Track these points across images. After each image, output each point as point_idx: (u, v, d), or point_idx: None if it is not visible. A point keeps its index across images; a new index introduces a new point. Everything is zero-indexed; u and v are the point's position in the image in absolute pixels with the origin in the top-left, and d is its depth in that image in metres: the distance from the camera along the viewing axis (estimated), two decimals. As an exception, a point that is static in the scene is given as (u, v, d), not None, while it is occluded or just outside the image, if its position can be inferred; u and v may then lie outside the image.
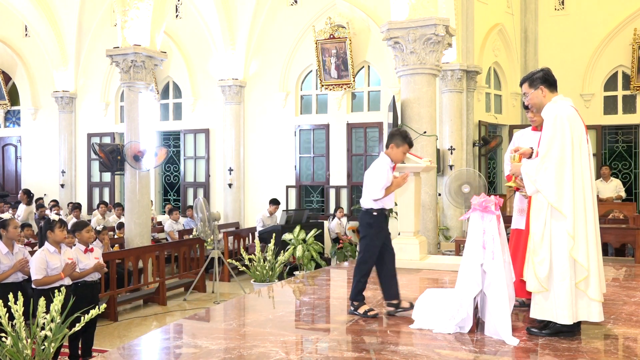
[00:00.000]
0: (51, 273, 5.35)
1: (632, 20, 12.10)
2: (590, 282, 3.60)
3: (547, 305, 3.64)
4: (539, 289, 3.63)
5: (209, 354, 3.47)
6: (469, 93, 11.86)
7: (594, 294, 3.60)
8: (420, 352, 3.47)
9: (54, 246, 5.48)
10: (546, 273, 3.61)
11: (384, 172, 4.29)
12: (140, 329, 7.47)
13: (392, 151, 4.39)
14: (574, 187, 3.60)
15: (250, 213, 13.57)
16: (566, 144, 3.61)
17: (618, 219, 9.27)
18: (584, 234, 3.59)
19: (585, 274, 3.57)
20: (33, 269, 5.34)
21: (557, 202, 3.59)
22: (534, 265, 3.64)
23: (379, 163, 4.36)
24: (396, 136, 4.41)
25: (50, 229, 5.50)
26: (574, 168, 3.61)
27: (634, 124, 12.33)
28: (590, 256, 3.60)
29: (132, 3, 9.52)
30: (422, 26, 7.48)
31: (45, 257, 5.36)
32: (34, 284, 5.34)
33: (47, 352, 4.25)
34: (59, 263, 5.43)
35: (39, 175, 16.06)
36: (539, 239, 3.65)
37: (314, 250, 8.27)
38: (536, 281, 3.63)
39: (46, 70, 15.59)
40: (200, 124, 14.28)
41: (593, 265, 3.60)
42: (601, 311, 3.65)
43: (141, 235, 9.70)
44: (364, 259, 4.30)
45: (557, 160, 3.60)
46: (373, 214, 4.29)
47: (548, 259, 3.62)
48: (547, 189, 3.61)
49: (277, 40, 13.39)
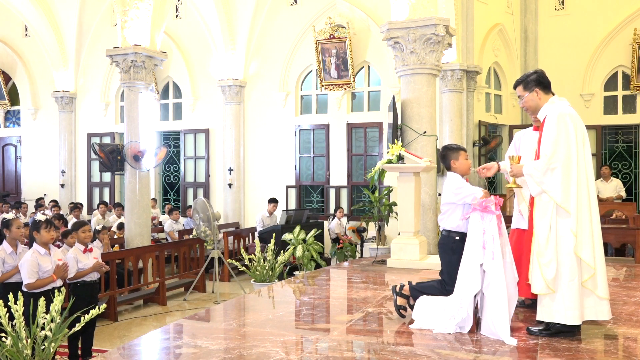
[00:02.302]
0: (43, 276, 5.23)
1: (632, 20, 12.10)
2: (598, 281, 3.59)
3: (555, 307, 3.60)
4: (546, 290, 3.59)
5: (209, 354, 3.47)
6: (469, 93, 11.86)
7: (603, 292, 3.59)
8: (420, 352, 3.47)
9: (43, 247, 5.33)
10: (554, 274, 3.57)
11: (464, 182, 4.11)
12: (140, 329, 7.47)
13: (456, 166, 4.17)
14: (579, 186, 3.57)
15: (250, 213, 13.57)
16: (571, 143, 3.58)
17: (621, 218, 9.27)
18: (589, 232, 3.57)
19: (592, 272, 3.56)
20: (25, 273, 5.16)
21: (564, 202, 3.55)
22: (541, 267, 3.60)
23: (453, 178, 4.13)
24: (448, 153, 4.21)
25: (36, 229, 5.33)
26: (579, 167, 3.59)
27: (634, 124, 12.33)
28: (597, 254, 3.59)
29: (132, 3, 9.51)
30: (422, 26, 7.48)
31: (36, 259, 5.21)
32: (26, 288, 5.14)
33: (47, 352, 4.25)
34: (50, 265, 5.30)
35: (39, 175, 16.06)
36: (544, 240, 3.62)
37: (314, 250, 8.27)
38: (543, 283, 3.59)
39: (46, 70, 15.59)
40: (200, 124, 14.28)
41: (599, 264, 3.60)
42: (609, 309, 3.65)
43: (141, 235, 9.70)
44: (448, 287, 4.07)
45: (564, 160, 3.56)
46: (456, 239, 4.06)
47: (555, 260, 3.58)
48: (554, 189, 3.57)
49: (277, 40, 13.39)
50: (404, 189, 6.34)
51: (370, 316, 4.38)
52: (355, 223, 12.03)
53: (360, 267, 6.59)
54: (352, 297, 5.14)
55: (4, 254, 5.54)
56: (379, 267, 6.52)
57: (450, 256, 4.07)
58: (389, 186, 10.14)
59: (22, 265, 5.22)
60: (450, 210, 4.12)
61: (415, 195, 6.34)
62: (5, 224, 5.73)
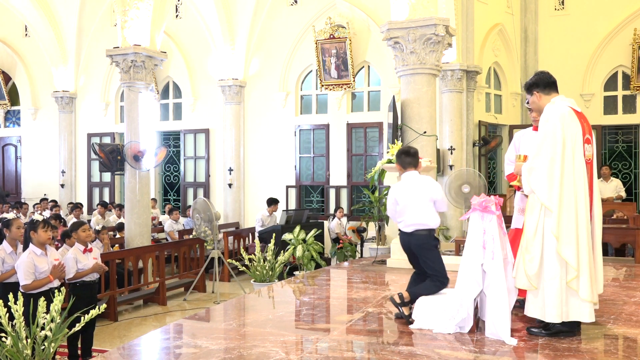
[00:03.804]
0: (39, 277, 5.19)
1: (632, 20, 12.10)
2: (581, 282, 3.59)
3: (537, 303, 3.66)
4: (528, 286, 3.65)
5: (209, 354, 3.47)
6: (469, 93, 11.86)
7: (585, 294, 3.58)
8: (420, 352, 3.47)
9: (40, 248, 5.29)
10: (535, 271, 3.62)
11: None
12: (140, 329, 7.47)
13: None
14: (562, 186, 3.61)
15: (250, 213, 13.57)
16: (557, 143, 3.65)
17: (622, 218, 9.26)
18: (573, 233, 3.58)
19: (575, 274, 3.57)
20: (21, 274, 5.12)
21: (548, 201, 3.62)
22: (524, 262, 3.66)
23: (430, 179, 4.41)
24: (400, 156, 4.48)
25: (34, 229, 5.28)
26: (564, 167, 3.63)
27: (634, 124, 12.32)
28: (581, 256, 3.58)
29: (132, 3, 9.51)
30: (422, 26, 7.48)
31: (32, 260, 5.17)
32: (22, 289, 5.11)
33: (47, 352, 4.25)
34: (47, 266, 5.26)
35: (39, 175, 16.06)
36: (531, 236, 3.67)
37: (314, 250, 8.27)
38: (525, 278, 3.65)
39: (46, 70, 15.58)
40: (200, 124, 14.28)
41: (584, 266, 3.58)
42: (592, 312, 3.64)
43: (141, 235, 9.69)
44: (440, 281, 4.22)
45: (548, 160, 3.63)
46: (435, 236, 4.33)
47: (539, 256, 3.63)
48: (539, 188, 3.65)
49: (277, 40, 13.39)
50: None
51: (370, 316, 4.38)
52: (355, 223, 12.03)
53: (360, 267, 6.59)
54: (352, 297, 5.14)
55: (3, 253, 5.54)
56: (379, 267, 6.52)
57: (434, 251, 4.26)
58: (389, 186, 10.13)
59: (19, 266, 5.18)
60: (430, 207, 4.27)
61: (415, 195, 6.33)
62: (5, 223, 5.74)
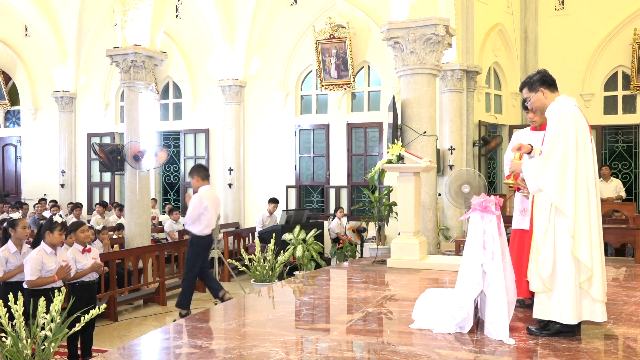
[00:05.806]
0: (45, 275, 5.32)
1: (632, 20, 12.10)
2: (594, 282, 3.58)
3: (552, 305, 3.61)
4: (542, 288, 3.61)
5: (209, 354, 3.47)
6: (469, 93, 11.86)
7: (597, 294, 3.58)
8: (420, 352, 3.47)
9: (51, 247, 5.46)
10: (549, 272, 3.59)
11: None
12: (140, 329, 7.47)
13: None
14: (577, 185, 3.57)
15: (250, 213, 13.57)
16: (570, 142, 3.59)
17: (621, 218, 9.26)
18: (587, 233, 3.57)
19: (589, 274, 3.55)
20: (28, 269, 5.29)
21: (559, 201, 3.57)
22: (537, 264, 3.62)
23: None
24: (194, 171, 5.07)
25: (50, 230, 5.47)
26: (577, 167, 3.59)
27: (634, 124, 12.33)
28: (594, 256, 3.58)
29: (132, 3, 9.51)
30: (422, 26, 7.48)
31: (41, 258, 5.33)
32: (26, 285, 5.29)
33: (47, 352, 4.25)
34: (54, 265, 5.42)
35: (39, 175, 16.05)
36: (541, 237, 3.63)
37: (314, 250, 8.26)
38: (539, 281, 3.61)
39: (46, 70, 15.58)
40: (200, 124, 14.28)
41: (597, 265, 3.59)
42: (604, 311, 3.64)
43: (141, 235, 9.69)
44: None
45: (560, 158, 3.58)
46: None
47: (551, 258, 3.59)
48: (549, 187, 3.59)
49: (277, 40, 13.39)
50: (404, 189, 6.34)
51: (370, 316, 4.38)
52: (355, 223, 12.03)
53: (360, 267, 6.59)
54: (352, 297, 5.14)
55: (8, 253, 5.62)
56: (379, 267, 6.52)
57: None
58: (389, 186, 10.14)
59: (27, 261, 5.33)
60: None
61: (415, 195, 6.34)
62: (11, 223, 5.85)
